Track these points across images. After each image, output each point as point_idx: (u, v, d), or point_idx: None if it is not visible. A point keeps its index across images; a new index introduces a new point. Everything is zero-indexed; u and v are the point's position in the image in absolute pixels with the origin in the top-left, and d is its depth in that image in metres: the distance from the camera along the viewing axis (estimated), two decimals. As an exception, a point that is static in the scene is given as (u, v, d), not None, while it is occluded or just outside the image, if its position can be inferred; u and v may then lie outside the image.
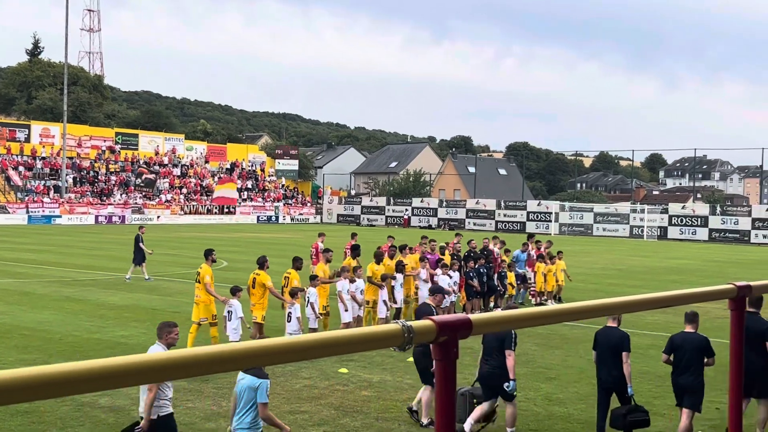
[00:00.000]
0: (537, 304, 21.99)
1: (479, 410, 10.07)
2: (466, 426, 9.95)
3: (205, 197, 78.04)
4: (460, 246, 23.41)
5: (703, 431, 10.70)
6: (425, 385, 10.65)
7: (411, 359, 14.04)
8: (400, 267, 18.28)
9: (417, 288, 19.13)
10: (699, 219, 64.82)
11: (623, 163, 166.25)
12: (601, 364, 10.15)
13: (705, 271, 34.11)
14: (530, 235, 26.02)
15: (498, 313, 3.19)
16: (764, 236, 61.18)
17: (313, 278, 15.94)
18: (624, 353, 9.90)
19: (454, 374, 2.65)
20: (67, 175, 71.09)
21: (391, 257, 18.87)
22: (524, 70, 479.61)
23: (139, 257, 26.55)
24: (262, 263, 15.48)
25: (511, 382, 9.94)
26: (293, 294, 15.14)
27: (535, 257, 23.58)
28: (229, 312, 14.48)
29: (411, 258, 19.77)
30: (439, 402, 2.65)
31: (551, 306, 3.44)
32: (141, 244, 26.80)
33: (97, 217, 68.28)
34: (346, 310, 16.14)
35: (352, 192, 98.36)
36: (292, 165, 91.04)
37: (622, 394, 9.98)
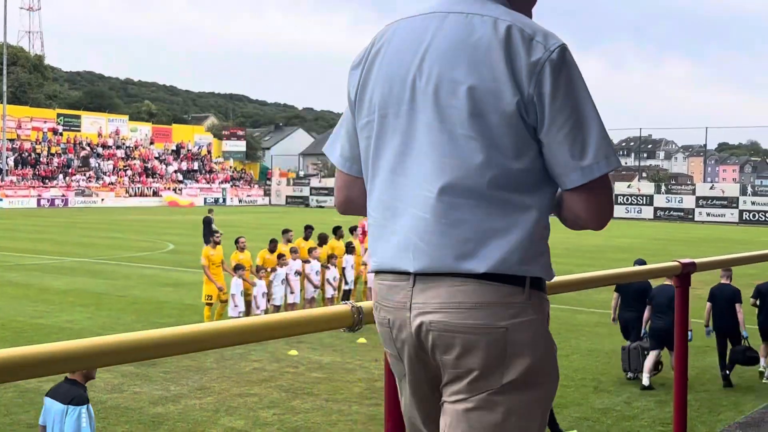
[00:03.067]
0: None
1: (650, 361, 11.62)
2: (645, 380, 11.52)
3: (151, 179, 77.07)
4: None
5: (648, 404, 10.93)
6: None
7: (362, 340, 14.09)
8: (350, 248, 18.27)
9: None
10: (644, 198, 65.89)
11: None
12: (716, 314, 12.16)
13: (650, 249, 34.72)
14: None
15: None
16: (708, 214, 62.47)
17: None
18: (737, 305, 11.95)
19: (404, 354, 2.65)
20: (7, 157, 69.58)
21: (339, 237, 18.83)
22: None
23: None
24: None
25: (689, 333, 11.67)
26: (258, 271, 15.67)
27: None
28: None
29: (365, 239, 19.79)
30: (389, 380, 2.65)
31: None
32: (213, 226, 27.42)
33: (39, 200, 66.99)
34: (292, 293, 16.13)
35: (301, 173, 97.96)
36: (240, 146, 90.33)
37: (735, 338, 12.02)
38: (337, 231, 19.01)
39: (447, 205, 1.99)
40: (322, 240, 18.28)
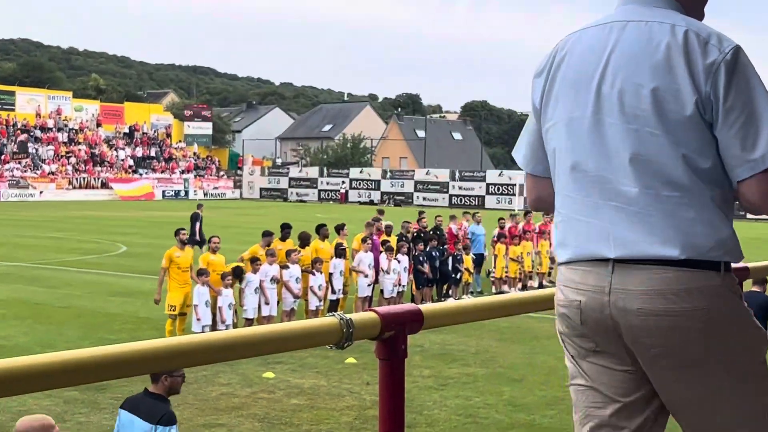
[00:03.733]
0: (497, 293, 22.21)
1: None
2: None
3: (99, 168, 76.96)
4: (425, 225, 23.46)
5: None
6: None
7: (351, 360, 14.09)
8: (340, 251, 18.16)
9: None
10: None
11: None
12: None
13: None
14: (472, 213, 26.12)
15: (453, 303, 3.21)
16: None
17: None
18: None
19: (402, 376, 2.65)
20: (-73, 141, 69.40)
21: (324, 237, 18.72)
22: (481, 14, 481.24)
23: (196, 238, 26.65)
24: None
25: None
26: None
27: (496, 237, 23.77)
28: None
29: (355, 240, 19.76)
30: (384, 407, 2.65)
31: (514, 294, 3.48)
32: (198, 224, 27.61)
33: (-35, 192, 66.87)
34: (267, 303, 16.12)
35: (278, 161, 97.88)
36: (205, 129, 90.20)
37: None
38: (320, 230, 18.84)
39: (643, 197, 2.59)
40: (304, 241, 18.15)
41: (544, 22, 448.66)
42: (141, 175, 78.94)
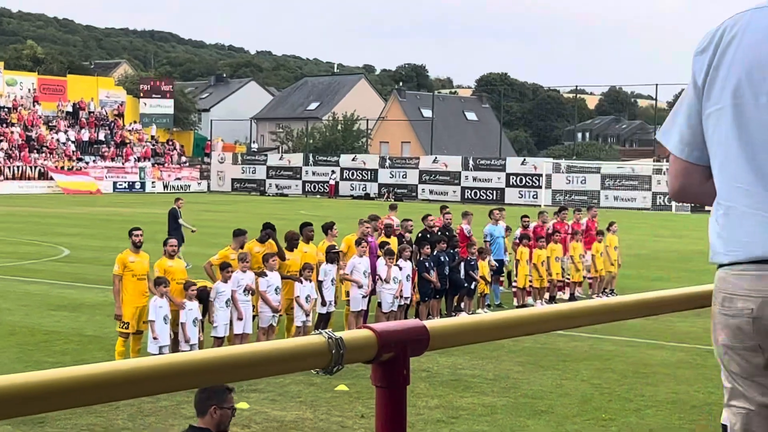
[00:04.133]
0: (519, 306, 22.19)
1: None
2: None
3: (36, 154, 76.89)
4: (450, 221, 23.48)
5: None
6: None
7: (342, 387, 14.10)
8: (332, 255, 18.09)
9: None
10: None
11: (643, 103, 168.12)
12: None
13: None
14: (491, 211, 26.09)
15: (466, 318, 3.21)
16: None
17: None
18: None
19: (403, 407, 2.65)
20: None
21: (309, 239, 18.64)
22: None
23: (177, 237, 26.43)
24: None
25: None
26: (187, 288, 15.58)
27: (518, 238, 23.76)
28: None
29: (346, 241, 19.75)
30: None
31: (540, 308, 3.47)
32: (181, 221, 28.51)
33: None
34: (240, 319, 16.08)
35: (254, 146, 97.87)
36: (165, 107, 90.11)
37: None
38: (303, 229, 18.73)
39: None
40: (291, 242, 18.08)
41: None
42: (87, 163, 78.90)
